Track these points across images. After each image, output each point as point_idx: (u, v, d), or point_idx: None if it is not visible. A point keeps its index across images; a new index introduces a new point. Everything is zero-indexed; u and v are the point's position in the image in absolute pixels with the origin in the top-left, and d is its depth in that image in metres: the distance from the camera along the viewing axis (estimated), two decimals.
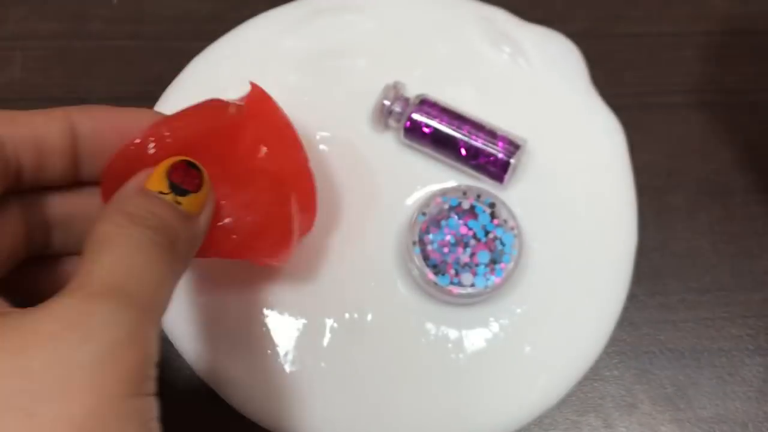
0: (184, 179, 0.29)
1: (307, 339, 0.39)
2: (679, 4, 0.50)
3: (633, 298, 0.43)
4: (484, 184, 0.41)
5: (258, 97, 0.34)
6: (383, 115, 0.41)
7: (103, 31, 0.48)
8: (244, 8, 0.47)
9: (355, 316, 0.39)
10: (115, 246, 0.26)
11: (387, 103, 0.41)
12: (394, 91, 0.41)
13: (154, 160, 0.30)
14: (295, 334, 0.39)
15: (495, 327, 0.39)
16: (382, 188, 0.41)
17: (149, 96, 0.44)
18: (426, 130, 0.40)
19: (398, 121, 0.41)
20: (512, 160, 0.40)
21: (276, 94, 0.41)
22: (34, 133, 0.29)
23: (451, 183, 0.41)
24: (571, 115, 0.42)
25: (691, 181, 0.46)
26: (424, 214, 0.38)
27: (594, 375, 0.42)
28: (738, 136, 0.47)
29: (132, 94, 0.47)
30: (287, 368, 0.38)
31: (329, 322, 0.39)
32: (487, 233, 0.38)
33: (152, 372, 0.24)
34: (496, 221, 0.38)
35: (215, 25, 0.46)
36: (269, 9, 0.45)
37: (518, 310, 0.39)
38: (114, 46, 0.48)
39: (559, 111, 0.42)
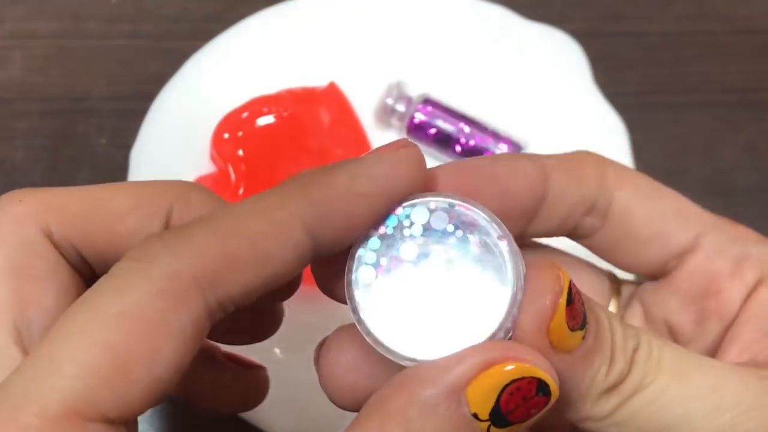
0: (522, 410, 0.19)
1: (307, 339, 0.38)
2: (681, 4, 0.50)
3: None
4: None
5: (332, 89, 0.41)
6: (386, 114, 0.41)
7: (101, 31, 0.48)
8: (243, 7, 0.47)
9: None
10: None
11: (390, 102, 0.40)
12: (397, 91, 0.41)
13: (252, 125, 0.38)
14: (296, 334, 0.39)
15: None
16: None
17: (148, 95, 0.44)
18: (429, 129, 0.40)
19: (401, 120, 0.41)
20: None
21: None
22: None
23: None
24: (573, 113, 0.42)
25: (693, 181, 0.46)
26: None
27: None
28: (740, 135, 0.47)
29: (130, 93, 0.46)
30: (287, 370, 0.38)
31: (333, 324, 0.39)
32: None
33: None
34: None
35: (214, 24, 0.46)
36: (267, 7, 0.45)
37: None
38: (113, 46, 0.48)
39: (562, 109, 0.42)
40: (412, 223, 0.21)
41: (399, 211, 0.21)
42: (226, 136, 0.39)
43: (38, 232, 0.23)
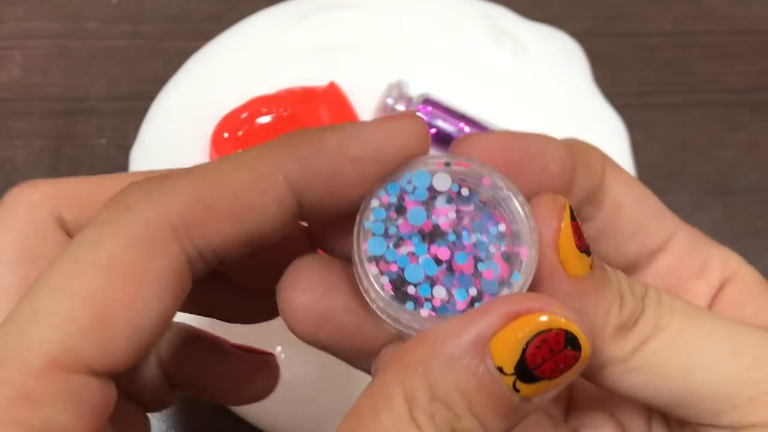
0: (549, 364, 0.18)
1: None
2: (681, 4, 0.50)
3: None
4: None
5: (332, 89, 0.41)
6: (386, 114, 0.41)
7: (101, 31, 0.48)
8: (243, 7, 0.47)
9: None
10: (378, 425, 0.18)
11: (390, 102, 0.40)
12: (397, 91, 0.41)
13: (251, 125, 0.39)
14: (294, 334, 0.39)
15: None
16: None
17: (148, 95, 0.44)
18: (429, 129, 0.40)
19: None
20: None
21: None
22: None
23: None
24: (573, 113, 0.42)
25: (693, 181, 0.46)
26: None
27: None
28: (739, 135, 0.47)
29: (130, 93, 0.46)
30: (288, 370, 0.38)
31: None
32: None
33: None
34: None
35: (214, 24, 0.46)
36: (267, 7, 0.45)
37: None
38: (113, 46, 0.48)
39: (562, 109, 0.42)
40: (415, 188, 0.20)
41: (400, 177, 0.20)
42: (226, 136, 0.39)
43: (49, 218, 0.23)
